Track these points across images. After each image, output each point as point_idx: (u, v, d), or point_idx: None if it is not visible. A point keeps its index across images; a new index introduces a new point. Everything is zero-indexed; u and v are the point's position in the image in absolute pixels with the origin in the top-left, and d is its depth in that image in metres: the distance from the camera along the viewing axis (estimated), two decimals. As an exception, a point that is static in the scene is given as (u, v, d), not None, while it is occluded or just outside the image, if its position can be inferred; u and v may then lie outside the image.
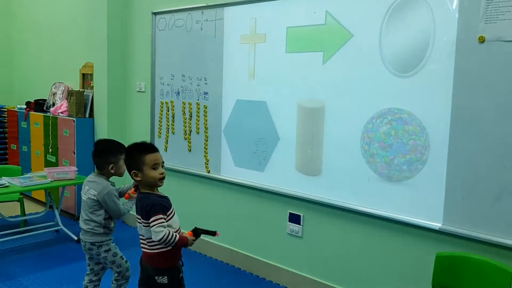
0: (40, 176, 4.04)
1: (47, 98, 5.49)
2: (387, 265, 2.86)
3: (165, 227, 2.15)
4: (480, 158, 2.40)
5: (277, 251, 3.46)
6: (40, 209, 5.00)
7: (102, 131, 4.72)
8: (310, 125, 3.14)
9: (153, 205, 2.20)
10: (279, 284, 3.44)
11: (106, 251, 2.72)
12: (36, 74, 6.11)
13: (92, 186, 2.70)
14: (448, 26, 2.47)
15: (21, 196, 4.42)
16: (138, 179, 2.26)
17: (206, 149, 3.84)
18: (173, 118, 4.11)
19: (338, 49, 2.94)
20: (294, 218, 3.32)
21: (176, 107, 4.08)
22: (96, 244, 2.71)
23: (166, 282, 2.25)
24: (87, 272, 2.82)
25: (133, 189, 2.63)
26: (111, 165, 2.72)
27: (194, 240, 2.28)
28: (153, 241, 2.20)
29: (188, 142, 3.96)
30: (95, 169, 2.84)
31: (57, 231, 4.38)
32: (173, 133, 4.12)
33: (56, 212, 4.28)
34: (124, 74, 4.69)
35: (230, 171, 3.68)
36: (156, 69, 4.26)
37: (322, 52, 3.02)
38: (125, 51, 4.66)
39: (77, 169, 4.20)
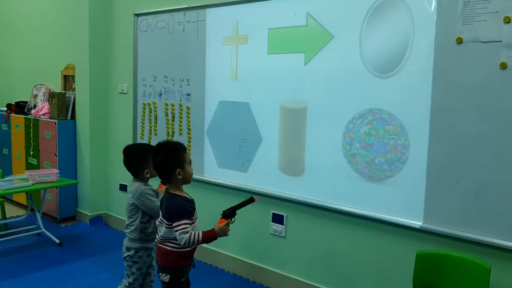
0: (20, 179, 3.98)
1: (28, 100, 5.42)
2: (369, 263, 2.89)
3: (187, 232, 2.18)
4: (459, 157, 2.44)
5: (261, 251, 3.47)
6: (21, 212, 4.92)
7: (84, 133, 4.68)
8: (292, 126, 3.16)
9: (179, 209, 2.22)
10: (262, 285, 3.44)
11: (135, 262, 2.64)
12: (17, 76, 6.02)
13: (129, 191, 2.65)
14: (427, 27, 2.51)
15: (2, 199, 4.36)
16: (180, 177, 2.26)
17: (189, 150, 3.83)
18: (156, 119, 4.10)
19: (320, 50, 2.96)
20: (277, 218, 3.34)
21: (158, 108, 4.06)
22: (131, 249, 2.63)
23: (167, 281, 2.30)
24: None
25: (160, 184, 2.63)
26: (146, 170, 2.61)
27: (226, 225, 2.30)
28: (166, 239, 2.26)
29: (171, 143, 3.95)
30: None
31: (38, 234, 4.31)
32: (156, 135, 4.10)
33: (38, 215, 4.22)
34: (106, 76, 4.65)
35: (214, 172, 3.68)
36: (138, 71, 4.24)
37: (303, 53, 3.04)
38: (107, 52, 4.63)
39: (58, 171, 4.16)
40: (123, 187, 4.58)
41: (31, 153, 4.99)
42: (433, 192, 2.55)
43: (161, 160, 2.27)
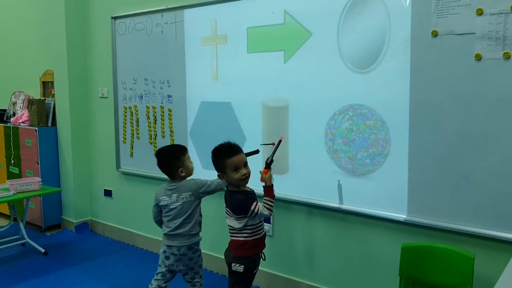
0: (1, 189, 3.93)
1: (7, 108, 5.33)
2: (356, 258, 2.91)
3: (258, 206, 2.48)
4: (439, 149, 2.47)
5: (249, 251, 3.46)
6: (4, 222, 4.85)
7: (66, 140, 4.62)
8: (275, 124, 3.16)
9: (241, 202, 2.49)
10: (252, 285, 3.43)
11: (199, 255, 2.78)
12: (-6, 84, 5.92)
13: (182, 190, 2.72)
14: (403, 21, 2.53)
15: (-17, 210, 4.30)
16: (224, 180, 2.57)
17: (173, 152, 3.80)
18: (137, 122, 4.06)
19: (298, 48, 2.96)
20: (264, 218, 3.32)
21: (140, 111, 4.03)
22: (193, 247, 2.73)
23: (242, 270, 2.51)
24: (157, 278, 2.76)
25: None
26: (180, 169, 2.73)
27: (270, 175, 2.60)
28: (237, 231, 2.52)
29: (154, 146, 3.92)
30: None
31: (23, 244, 4.25)
32: (138, 138, 4.07)
33: (21, 225, 4.17)
34: (86, 80, 4.60)
35: (198, 173, 3.60)
36: (118, 74, 4.20)
37: (283, 52, 3.05)
38: (85, 57, 4.58)
39: (41, 179, 4.11)
40: (107, 193, 4.53)
41: (13, 162, 4.92)
42: (416, 184, 2.57)
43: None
